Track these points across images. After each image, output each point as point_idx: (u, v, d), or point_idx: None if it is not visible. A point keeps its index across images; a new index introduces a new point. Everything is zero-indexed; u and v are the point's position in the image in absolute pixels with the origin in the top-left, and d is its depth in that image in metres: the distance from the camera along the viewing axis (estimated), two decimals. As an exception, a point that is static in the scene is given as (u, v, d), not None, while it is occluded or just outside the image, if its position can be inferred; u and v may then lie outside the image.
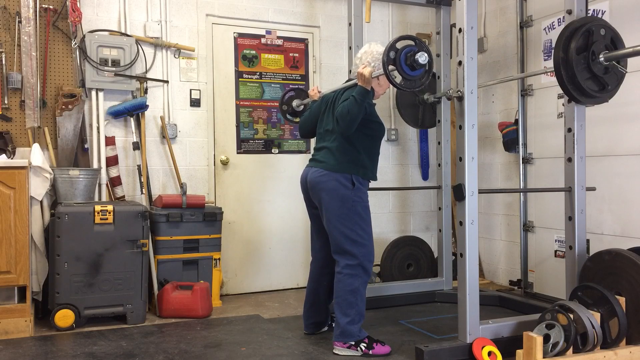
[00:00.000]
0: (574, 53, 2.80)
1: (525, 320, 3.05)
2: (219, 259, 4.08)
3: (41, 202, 3.58)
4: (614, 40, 2.89)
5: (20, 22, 3.82)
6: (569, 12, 3.05)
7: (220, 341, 3.26)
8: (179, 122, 4.33)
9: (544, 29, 4.21)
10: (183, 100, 4.36)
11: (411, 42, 2.65)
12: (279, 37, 4.68)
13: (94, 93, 4.05)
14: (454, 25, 3.98)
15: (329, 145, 3.12)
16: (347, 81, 3.27)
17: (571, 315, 2.69)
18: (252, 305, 4.18)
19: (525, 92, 4.35)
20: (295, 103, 3.72)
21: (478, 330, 2.88)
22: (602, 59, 2.85)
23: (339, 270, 3.05)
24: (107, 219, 3.53)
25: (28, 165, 3.40)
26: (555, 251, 4.12)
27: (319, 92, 3.44)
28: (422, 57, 2.60)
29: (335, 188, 3.01)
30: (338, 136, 3.06)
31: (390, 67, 2.62)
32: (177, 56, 4.33)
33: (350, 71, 3.75)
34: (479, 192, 2.90)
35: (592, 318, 2.69)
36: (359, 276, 3.02)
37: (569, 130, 3.12)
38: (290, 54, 4.73)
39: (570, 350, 2.65)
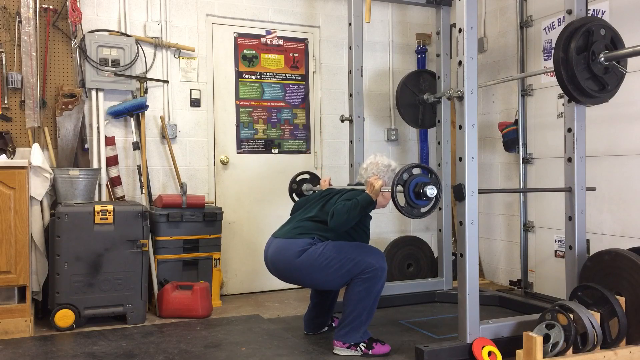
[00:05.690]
0: (574, 53, 2.80)
1: (525, 320, 3.05)
2: (219, 259, 4.08)
3: (41, 202, 3.58)
4: (614, 40, 2.90)
5: (20, 22, 3.82)
6: (569, 12, 3.05)
7: (220, 341, 3.26)
8: (179, 122, 4.34)
9: (544, 29, 4.21)
10: (183, 100, 4.36)
11: (427, 174, 2.71)
12: (279, 37, 4.68)
13: (94, 93, 4.05)
14: (454, 25, 3.99)
15: (302, 224, 3.10)
16: (355, 184, 3.38)
17: (571, 315, 2.69)
18: (252, 305, 4.18)
19: (525, 92, 4.35)
20: (305, 187, 3.80)
21: (478, 330, 2.88)
22: (602, 59, 2.85)
23: (359, 289, 2.93)
24: (107, 219, 3.53)
25: (28, 165, 3.40)
26: (555, 251, 4.12)
27: (330, 185, 3.52)
28: (430, 190, 2.64)
29: (298, 253, 2.96)
30: (317, 224, 3.05)
31: (399, 187, 2.66)
32: (177, 56, 4.33)
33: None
34: (479, 192, 2.90)
35: (592, 318, 2.69)
36: (380, 278, 2.95)
37: (569, 130, 3.12)
38: (290, 54, 4.73)
39: (570, 350, 2.66)
